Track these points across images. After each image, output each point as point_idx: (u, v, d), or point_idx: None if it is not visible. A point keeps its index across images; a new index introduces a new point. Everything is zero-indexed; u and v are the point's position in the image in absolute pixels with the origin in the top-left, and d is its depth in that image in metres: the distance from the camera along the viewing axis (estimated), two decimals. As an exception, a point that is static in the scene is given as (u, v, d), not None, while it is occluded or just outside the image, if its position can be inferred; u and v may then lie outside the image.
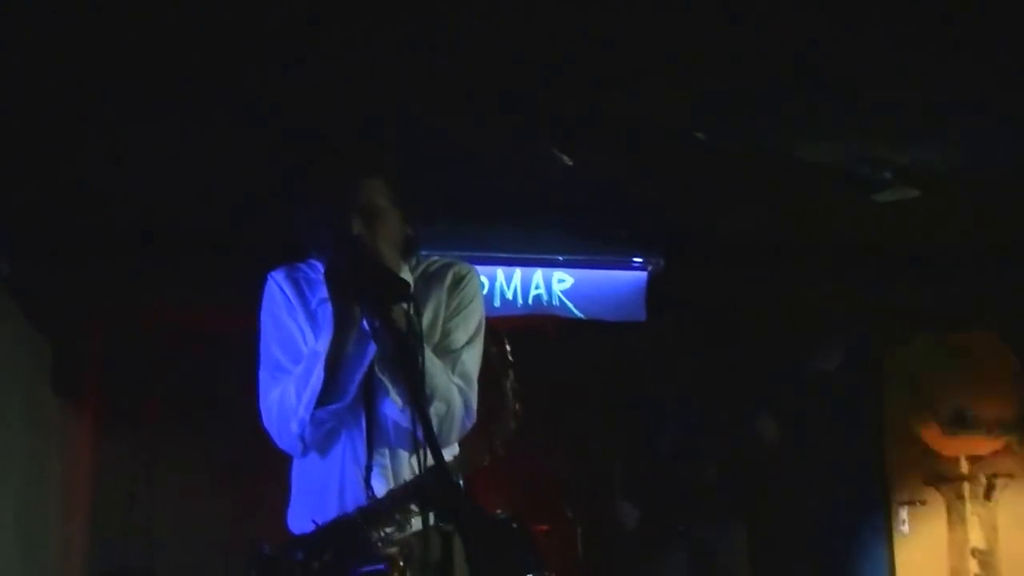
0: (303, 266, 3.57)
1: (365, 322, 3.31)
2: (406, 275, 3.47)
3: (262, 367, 3.55)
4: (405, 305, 3.13)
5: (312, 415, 3.37)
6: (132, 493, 7.04)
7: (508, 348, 3.63)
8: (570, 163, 5.72)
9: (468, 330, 3.60)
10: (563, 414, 7.45)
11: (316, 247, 3.46)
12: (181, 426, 7.11)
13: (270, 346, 3.55)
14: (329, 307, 3.31)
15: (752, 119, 5.31)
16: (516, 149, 5.63)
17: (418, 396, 3.00)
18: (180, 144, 5.34)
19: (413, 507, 3.37)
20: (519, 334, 3.83)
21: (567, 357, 7.65)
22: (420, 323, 3.19)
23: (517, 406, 3.68)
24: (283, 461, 3.68)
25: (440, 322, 3.56)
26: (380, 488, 3.41)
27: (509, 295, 7.66)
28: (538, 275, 7.72)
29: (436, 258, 3.63)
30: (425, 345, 3.27)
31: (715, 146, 5.55)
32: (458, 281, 3.63)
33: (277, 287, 3.57)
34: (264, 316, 3.58)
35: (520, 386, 3.73)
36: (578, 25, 4.23)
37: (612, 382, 7.23)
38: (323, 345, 3.35)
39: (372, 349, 3.37)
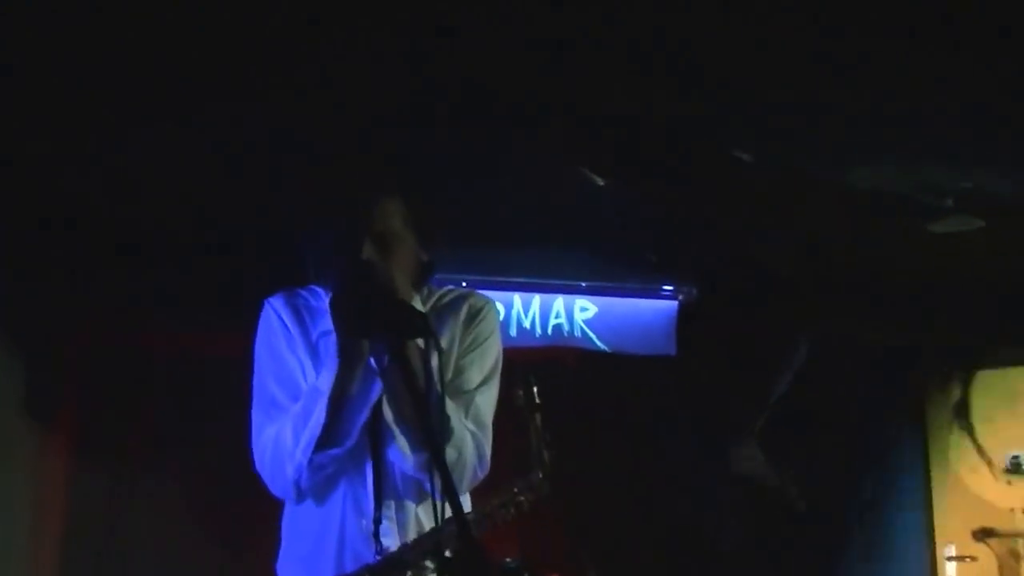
0: (304, 292, 3.38)
1: (372, 358, 3.14)
2: (418, 306, 3.28)
3: (255, 403, 3.33)
4: (420, 341, 2.94)
5: (310, 459, 3.19)
6: (106, 529, 6.62)
7: (535, 390, 3.32)
8: (601, 183, 5.56)
9: (483, 369, 3.40)
10: (582, 455, 6.69)
11: (320, 272, 3.27)
12: (161, 460, 6.62)
13: (265, 380, 3.34)
14: (333, 340, 3.12)
15: (795, 138, 5.14)
16: (536, 165, 5.48)
17: (433, 442, 2.85)
18: (166, 154, 5.14)
19: (428, 564, 3.20)
20: (536, 367, 3.67)
21: (588, 393, 7.19)
22: (435, 361, 2.94)
23: (546, 455, 3.40)
24: (273, 504, 3.53)
25: (453, 360, 3.38)
26: (388, 543, 3.26)
27: (527, 324, 7.43)
28: (559, 302, 7.50)
29: (450, 288, 3.48)
30: (439, 386, 3.03)
31: (756, 166, 5.35)
32: (474, 315, 3.44)
33: (275, 315, 3.37)
34: (259, 347, 3.37)
35: (549, 433, 3.48)
36: (609, 35, 4.14)
37: (637, 421, 7.12)
38: (325, 382, 3.16)
39: (378, 388, 3.20)
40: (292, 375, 3.31)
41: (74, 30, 3.87)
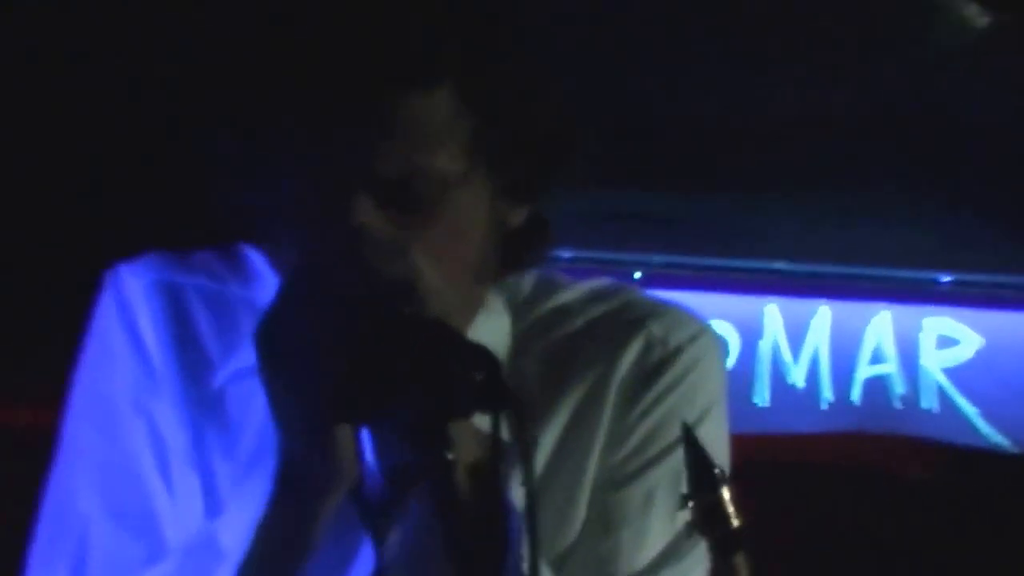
0: (211, 262, 1.73)
1: (372, 460, 1.57)
2: (499, 343, 1.64)
3: (42, 535, 1.71)
4: (493, 419, 1.41)
5: None
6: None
7: (727, 496, 1.44)
8: (984, 24, 4.43)
9: (674, 481, 1.62)
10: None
11: (257, 220, 1.61)
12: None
13: (76, 481, 1.73)
14: (258, 400, 1.52)
15: None
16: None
17: None
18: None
19: None
20: (818, 477, 3.23)
21: (956, 554, 3.77)
22: (535, 471, 1.48)
23: None
24: None
25: (595, 458, 1.64)
26: None
27: (798, 378, 5.50)
28: (881, 323, 5.55)
29: (593, 287, 1.69)
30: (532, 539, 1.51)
31: None
32: (657, 365, 1.65)
33: (125, 319, 1.71)
34: (81, 391, 1.72)
35: None
36: None
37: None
38: (237, 524, 1.61)
39: (368, 555, 1.58)
40: (145, 480, 1.72)
41: None
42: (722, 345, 1.66)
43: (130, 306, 1.71)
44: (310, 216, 1.48)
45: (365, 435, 1.50)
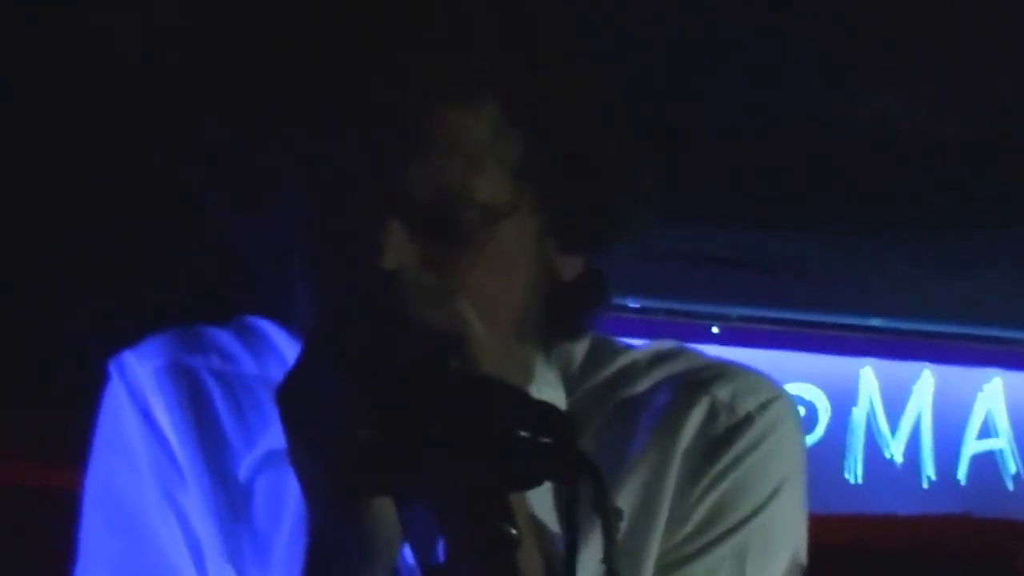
0: (223, 339, 1.59)
1: (411, 553, 1.38)
2: (557, 400, 1.49)
3: None
4: (568, 489, 1.20)
5: None
6: None
7: None
8: None
9: (739, 563, 1.45)
10: None
11: (276, 288, 1.46)
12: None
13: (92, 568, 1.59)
14: (291, 489, 1.42)
15: None
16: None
17: None
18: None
19: None
20: (918, 565, 3.32)
21: None
22: (617, 548, 1.21)
23: None
24: None
25: (658, 537, 1.43)
26: None
27: (896, 453, 5.22)
28: (992, 391, 5.32)
29: (646, 351, 1.52)
30: None
31: None
32: (725, 434, 1.45)
33: (137, 409, 1.57)
34: (92, 493, 1.55)
35: None
36: None
37: None
38: None
39: None
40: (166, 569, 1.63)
41: None
42: (799, 414, 1.47)
43: (142, 394, 1.60)
44: (332, 248, 1.36)
45: (410, 507, 1.34)
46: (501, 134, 1.34)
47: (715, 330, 4.89)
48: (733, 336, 4.72)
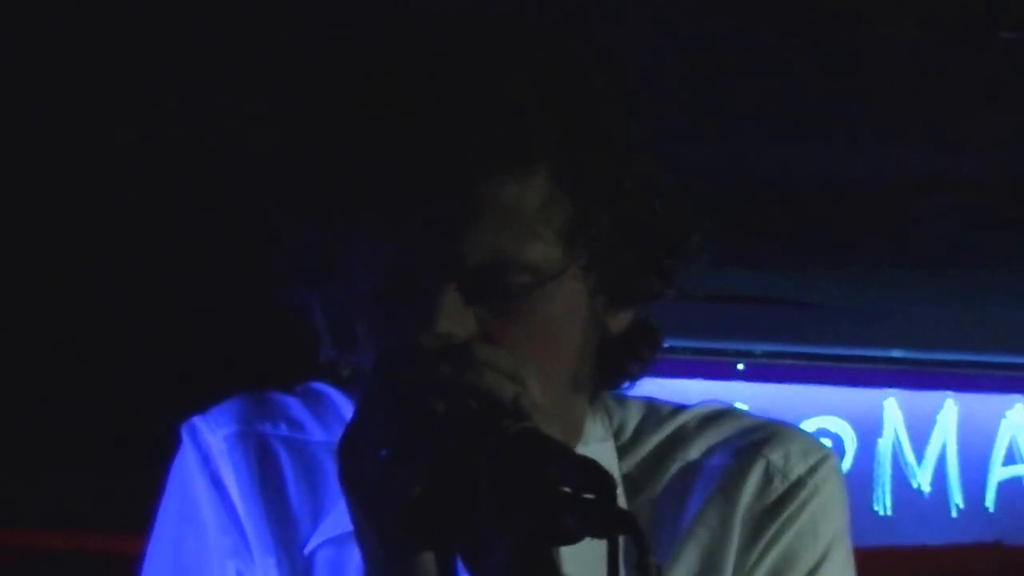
0: (292, 407, 1.70)
1: None
2: (608, 462, 1.61)
3: None
4: (610, 545, 1.25)
5: None
6: None
7: None
8: None
9: None
10: None
11: (339, 350, 1.58)
12: None
13: None
14: (354, 563, 1.54)
15: None
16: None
17: None
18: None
19: None
20: None
21: None
22: None
23: None
24: None
25: None
26: None
27: (923, 482, 5.20)
28: (1016, 417, 5.33)
29: (695, 413, 1.64)
30: None
31: None
32: (779, 499, 1.62)
33: (208, 479, 1.69)
34: (165, 547, 1.69)
35: None
36: None
37: None
38: None
39: None
40: None
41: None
42: (842, 472, 1.62)
43: (213, 461, 1.66)
44: (392, 316, 1.41)
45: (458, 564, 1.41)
46: (551, 200, 1.39)
47: (740, 367, 4.87)
48: (758, 372, 4.73)
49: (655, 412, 1.63)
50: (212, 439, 1.67)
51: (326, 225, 1.46)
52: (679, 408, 1.62)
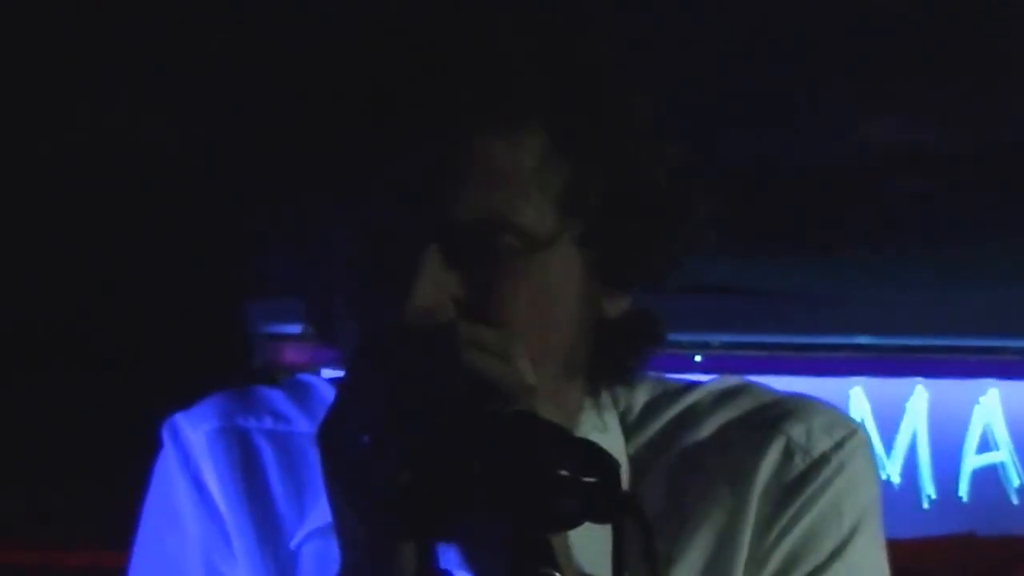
0: (275, 400, 1.61)
1: None
2: (613, 444, 1.44)
3: None
4: (614, 531, 1.19)
5: None
6: None
7: None
8: None
9: None
10: None
11: (323, 328, 1.51)
12: None
13: None
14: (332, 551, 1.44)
15: None
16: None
17: None
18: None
19: None
20: None
21: None
22: None
23: None
24: None
25: None
26: None
27: (893, 473, 5.21)
28: (989, 403, 5.40)
29: (709, 389, 1.47)
30: None
31: None
32: (800, 477, 1.45)
33: (188, 476, 1.62)
34: (147, 547, 1.59)
35: None
36: None
37: None
38: None
39: None
40: None
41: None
42: (872, 447, 1.49)
43: (194, 460, 1.63)
44: (374, 284, 1.37)
45: (447, 550, 1.35)
46: (546, 163, 1.34)
47: (698, 359, 4.80)
48: (716, 364, 4.66)
49: (665, 390, 1.54)
50: (193, 436, 1.61)
51: (304, 186, 1.39)
52: (691, 385, 1.54)
